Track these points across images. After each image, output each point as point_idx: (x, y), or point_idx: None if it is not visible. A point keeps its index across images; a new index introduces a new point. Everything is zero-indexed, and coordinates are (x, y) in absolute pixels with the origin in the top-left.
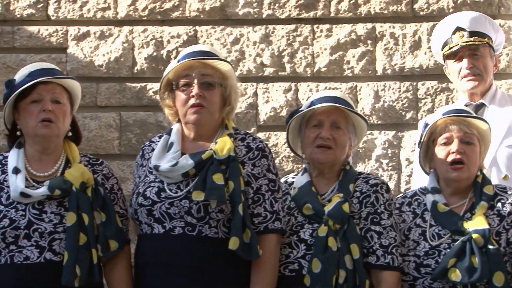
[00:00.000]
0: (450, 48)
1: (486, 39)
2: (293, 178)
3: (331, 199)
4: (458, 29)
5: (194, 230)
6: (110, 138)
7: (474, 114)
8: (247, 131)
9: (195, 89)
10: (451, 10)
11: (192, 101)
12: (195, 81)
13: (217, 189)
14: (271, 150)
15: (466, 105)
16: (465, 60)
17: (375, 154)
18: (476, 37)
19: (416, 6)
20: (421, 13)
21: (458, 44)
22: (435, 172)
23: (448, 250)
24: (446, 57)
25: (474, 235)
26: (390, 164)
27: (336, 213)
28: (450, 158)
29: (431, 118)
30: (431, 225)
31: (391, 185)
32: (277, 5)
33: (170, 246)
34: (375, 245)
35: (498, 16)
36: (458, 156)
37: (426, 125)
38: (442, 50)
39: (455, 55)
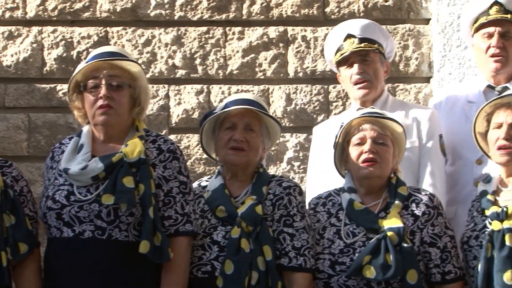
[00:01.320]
0: (342, 55)
1: (376, 46)
2: (206, 181)
3: (244, 202)
4: (349, 36)
5: (104, 234)
6: (19, 140)
7: (389, 116)
8: (158, 133)
9: (103, 91)
10: (361, 14)
11: (100, 102)
12: (103, 82)
13: (127, 192)
14: (183, 152)
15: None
16: (355, 66)
17: (287, 157)
18: (366, 43)
19: (327, 10)
20: (333, 16)
21: (349, 50)
22: (351, 172)
23: (363, 248)
24: (338, 63)
25: (389, 233)
26: (302, 167)
27: (249, 215)
28: (362, 157)
29: (346, 119)
30: (345, 223)
31: (303, 187)
32: (189, 7)
33: (79, 250)
34: (288, 247)
35: (408, 20)
36: (371, 156)
37: (341, 126)
38: (334, 57)
39: (346, 62)
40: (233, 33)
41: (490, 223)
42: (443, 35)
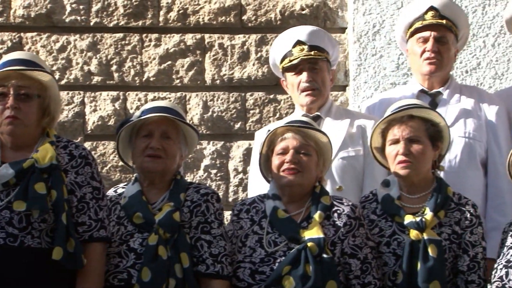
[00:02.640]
0: (291, 61)
1: (325, 54)
2: (122, 187)
3: (161, 208)
4: (299, 42)
5: (16, 241)
6: None
7: (315, 126)
8: (69, 139)
9: (10, 101)
10: (278, 22)
11: (7, 112)
12: (11, 92)
13: (39, 198)
14: (98, 160)
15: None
16: (304, 74)
17: (204, 164)
18: (316, 51)
19: (244, 18)
20: (250, 24)
21: (299, 57)
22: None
23: (284, 258)
24: (285, 70)
25: (309, 244)
26: (219, 174)
27: (167, 222)
28: (284, 167)
29: (272, 127)
30: (268, 232)
31: (219, 195)
32: (105, 13)
33: None
34: (205, 254)
35: (324, 29)
36: (292, 166)
37: (267, 133)
38: (281, 63)
39: (294, 68)
40: (150, 40)
41: (403, 231)
42: (359, 44)
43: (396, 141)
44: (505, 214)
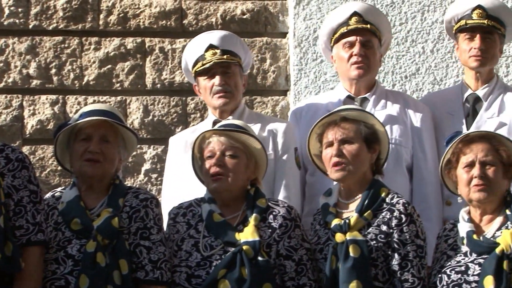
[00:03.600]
0: (203, 65)
1: (237, 59)
2: (60, 192)
3: (100, 214)
4: (211, 46)
5: None
6: None
7: (246, 130)
8: (6, 143)
9: None
10: (219, 26)
11: None
12: None
13: None
14: (32, 163)
15: (215, 122)
16: (217, 77)
17: (144, 169)
18: (228, 55)
19: (185, 22)
20: (190, 28)
21: (212, 61)
22: None
23: (220, 261)
24: (198, 74)
25: (245, 247)
26: (159, 179)
27: (105, 228)
28: (211, 171)
29: (200, 131)
30: (204, 236)
31: (160, 199)
32: (44, 16)
33: None
34: (144, 260)
35: (265, 34)
36: (217, 169)
37: (196, 138)
38: (194, 67)
39: (207, 72)
40: (90, 43)
41: (334, 236)
42: (300, 48)
43: (330, 144)
44: (430, 219)
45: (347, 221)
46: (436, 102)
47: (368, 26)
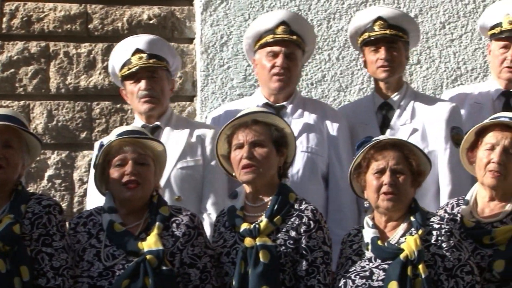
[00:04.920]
0: (129, 69)
1: (164, 63)
2: None
3: (1, 220)
4: (138, 50)
5: None
6: None
7: (150, 136)
8: None
9: None
10: (125, 31)
11: None
12: None
13: None
14: None
15: (143, 127)
16: (143, 82)
17: (48, 174)
18: (155, 60)
19: (90, 26)
20: (96, 33)
21: (138, 65)
22: (111, 192)
23: (123, 271)
24: (124, 78)
25: (148, 256)
26: (63, 184)
27: (6, 234)
28: (124, 179)
29: (107, 139)
30: (106, 245)
31: (64, 205)
32: None
33: None
34: (46, 267)
35: (172, 39)
36: (133, 178)
37: (102, 146)
38: (120, 71)
39: (133, 76)
40: None
41: (242, 240)
42: (207, 54)
43: (240, 146)
44: (345, 228)
45: (256, 226)
46: (349, 113)
47: (294, 37)
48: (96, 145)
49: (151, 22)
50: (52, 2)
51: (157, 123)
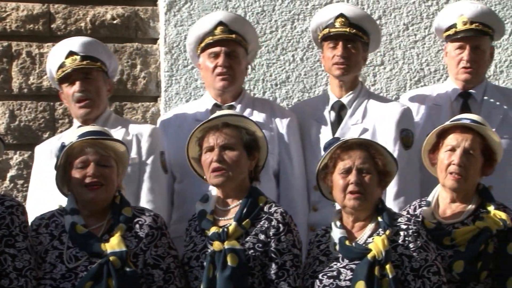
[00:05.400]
0: (64, 72)
1: (99, 64)
2: None
3: None
4: (71, 53)
5: None
6: None
7: (112, 137)
8: None
9: None
10: (89, 31)
11: None
12: None
13: None
14: None
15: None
16: (77, 83)
17: (10, 175)
18: (88, 61)
19: (53, 26)
20: (59, 33)
21: (71, 67)
22: (73, 194)
23: (86, 273)
24: (60, 81)
25: (111, 258)
26: (25, 185)
27: None
28: (86, 181)
29: (68, 140)
30: (68, 247)
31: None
32: None
33: None
34: (9, 268)
35: (136, 39)
36: (95, 179)
37: (63, 147)
38: (56, 73)
39: (68, 79)
40: None
41: (211, 244)
42: (170, 55)
43: (211, 149)
44: (296, 224)
45: (225, 229)
46: (304, 110)
47: (233, 36)
48: (37, 149)
49: (115, 22)
50: (15, 1)
51: (93, 124)
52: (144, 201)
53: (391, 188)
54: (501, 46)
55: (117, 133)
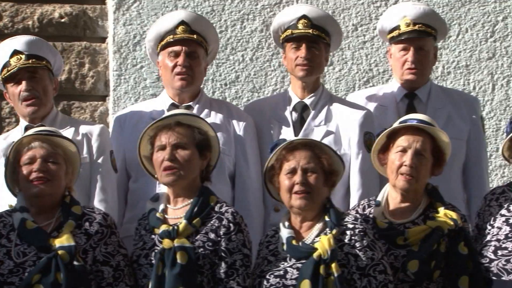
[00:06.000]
0: (9, 71)
1: (44, 62)
2: None
3: None
4: (16, 52)
5: None
6: None
7: (61, 134)
8: None
9: None
10: (36, 30)
11: None
12: None
13: None
14: None
15: (26, 128)
16: (23, 83)
17: None
18: (34, 60)
19: (0, 24)
20: (6, 31)
21: (16, 66)
22: (22, 191)
23: (33, 267)
24: (5, 81)
25: (60, 252)
26: None
27: None
28: (32, 176)
29: (15, 138)
30: (16, 244)
31: None
32: None
33: None
34: None
35: (84, 38)
36: (41, 175)
37: (11, 145)
38: (0, 74)
39: (13, 78)
40: None
41: (161, 241)
42: (119, 54)
43: (163, 148)
44: (252, 227)
45: (175, 227)
46: (263, 109)
47: (195, 36)
48: None
49: (63, 20)
50: None
51: (41, 124)
52: (96, 201)
53: (355, 191)
54: (448, 47)
55: (66, 132)
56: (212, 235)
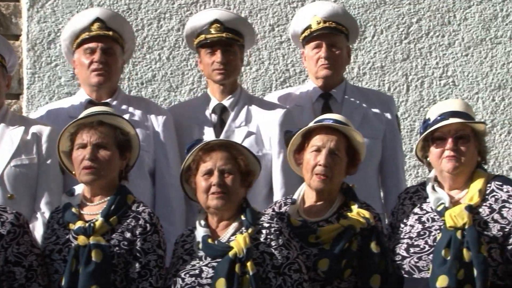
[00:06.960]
0: None
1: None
2: None
3: None
4: None
5: None
6: None
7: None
8: None
9: None
10: None
11: None
12: None
13: None
14: None
15: None
16: None
17: None
18: None
19: None
20: None
21: None
22: None
23: None
24: None
25: None
26: None
27: None
28: None
29: None
30: None
31: None
32: None
33: None
34: None
35: None
36: None
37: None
38: None
39: None
40: None
41: (75, 238)
42: (33, 52)
43: (83, 146)
44: (173, 223)
45: (91, 224)
46: (183, 112)
47: (110, 33)
48: None
49: None
50: None
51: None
52: (43, 203)
53: (278, 190)
54: (364, 48)
55: (16, 131)
56: (128, 234)
